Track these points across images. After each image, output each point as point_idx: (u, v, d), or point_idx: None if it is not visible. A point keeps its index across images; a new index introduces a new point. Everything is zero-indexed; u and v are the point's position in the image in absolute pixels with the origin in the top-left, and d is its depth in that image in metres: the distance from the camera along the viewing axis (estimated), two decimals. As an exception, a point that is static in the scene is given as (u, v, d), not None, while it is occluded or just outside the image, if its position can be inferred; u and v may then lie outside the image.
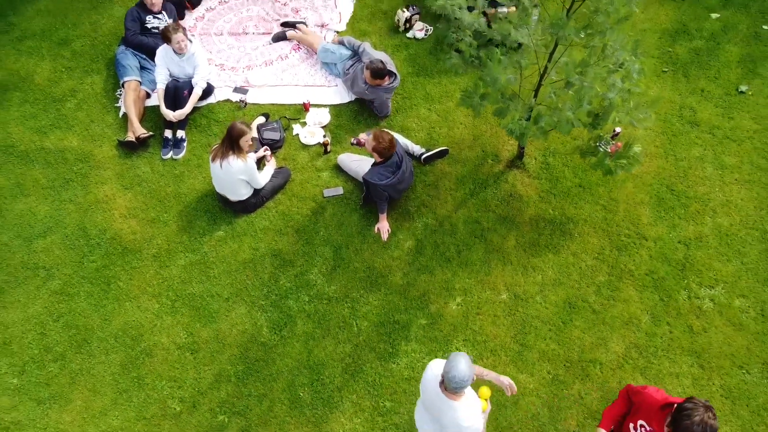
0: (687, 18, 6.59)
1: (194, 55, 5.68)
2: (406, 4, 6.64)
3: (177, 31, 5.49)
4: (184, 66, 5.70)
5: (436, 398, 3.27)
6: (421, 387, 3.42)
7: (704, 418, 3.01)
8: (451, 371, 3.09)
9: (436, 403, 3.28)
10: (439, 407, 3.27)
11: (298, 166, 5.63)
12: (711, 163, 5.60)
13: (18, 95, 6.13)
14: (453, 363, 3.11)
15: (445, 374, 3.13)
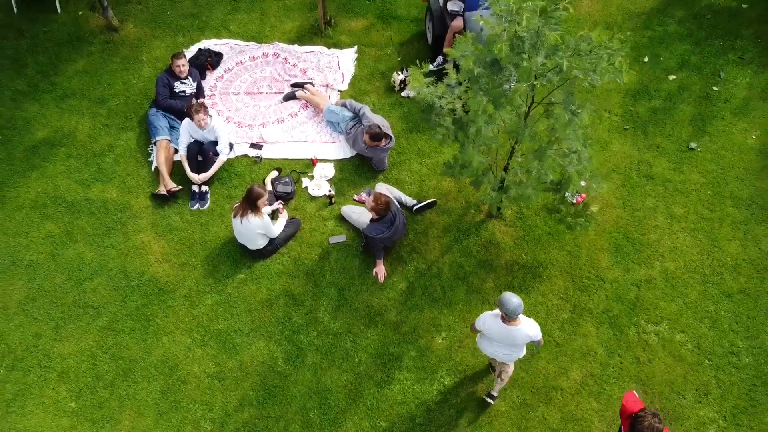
0: (647, 79, 7.49)
1: (214, 128, 6.58)
2: (401, 67, 7.55)
3: (198, 111, 6.38)
4: (206, 135, 6.60)
5: (504, 330, 4.66)
6: (487, 332, 4.78)
7: (651, 422, 4.01)
8: (509, 305, 4.47)
9: (505, 333, 4.67)
10: (510, 335, 4.67)
11: (306, 215, 6.54)
12: (662, 213, 6.51)
13: (63, 150, 7.04)
14: (506, 300, 4.50)
15: (505, 310, 4.51)
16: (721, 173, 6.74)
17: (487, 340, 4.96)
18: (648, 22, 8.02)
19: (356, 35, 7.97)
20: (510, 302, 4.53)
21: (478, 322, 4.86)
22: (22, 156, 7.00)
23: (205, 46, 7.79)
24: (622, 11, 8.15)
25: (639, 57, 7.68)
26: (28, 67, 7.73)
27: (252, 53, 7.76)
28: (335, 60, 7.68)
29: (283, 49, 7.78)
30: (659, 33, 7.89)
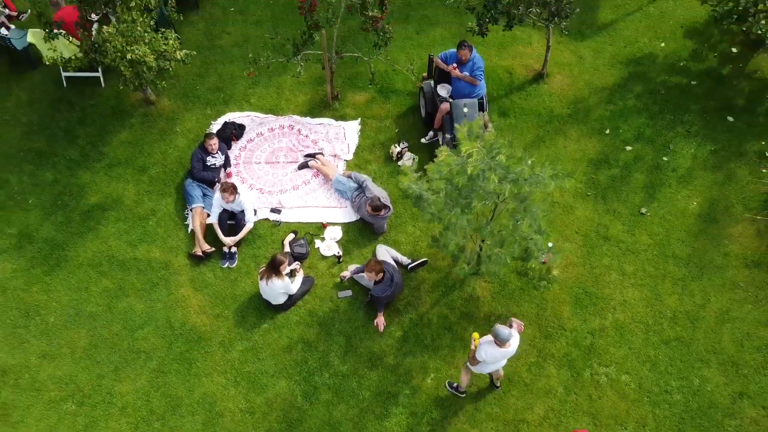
0: (608, 150, 8.78)
1: (241, 201, 7.87)
2: (398, 139, 8.84)
3: (225, 191, 7.67)
4: (234, 207, 7.89)
5: (499, 353, 6.05)
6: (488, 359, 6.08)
7: None
8: (503, 334, 5.87)
9: (500, 354, 6.09)
10: (505, 354, 6.14)
11: (318, 273, 7.83)
12: (615, 271, 7.80)
13: (113, 214, 8.34)
14: (500, 331, 5.88)
15: (501, 339, 5.89)
16: (666, 235, 8.03)
17: (485, 365, 6.26)
18: (611, 96, 9.30)
19: (359, 108, 9.26)
20: (503, 332, 5.91)
21: (480, 355, 6.11)
22: (79, 219, 8.30)
23: (230, 119, 9.09)
24: (589, 86, 9.43)
25: (602, 129, 8.96)
26: (79, 138, 9.02)
27: (270, 125, 9.05)
28: (342, 131, 8.97)
29: (297, 121, 9.07)
30: (620, 107, 9.17)
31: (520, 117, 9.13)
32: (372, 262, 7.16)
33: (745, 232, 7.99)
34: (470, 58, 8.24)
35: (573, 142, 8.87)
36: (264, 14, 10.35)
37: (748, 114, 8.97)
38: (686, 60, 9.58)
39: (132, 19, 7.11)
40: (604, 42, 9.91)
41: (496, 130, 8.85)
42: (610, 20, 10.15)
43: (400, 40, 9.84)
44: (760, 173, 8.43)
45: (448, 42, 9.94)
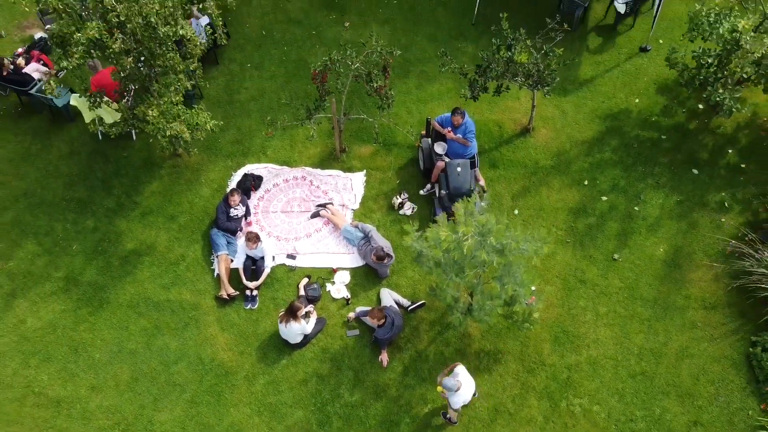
0: (586, 199, 9.87)
1: (262, 248, 8.98)
2: (399, 191, 9.92)
3: (249, 241, 8.79)
4: (256, 253, 9.00)
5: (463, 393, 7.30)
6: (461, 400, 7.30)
7: None
8: (448, 386, 7.14)
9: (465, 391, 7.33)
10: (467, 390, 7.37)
11: (329, 314, 8.93)
12: (590, 311, 8.89)
13: (148, 259, 9.43)
14: (446, 385, 7.11)
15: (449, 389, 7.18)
16: (635, 279, 9.13)
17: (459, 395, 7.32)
18: (590, 149, 10.38)
19: (365, 160, 10.34)
20: (450, 383, 7.19)
21: (454, 404, 7.34)
22: (118, 264, 9.40)
23: (249, 170, 10.17)
24: (570, 139, 10.51)
25: (581, 180, 10.05)
26: (115, 188, 10.11)
27: (285, 176, 10.14)
28: (349, 182, 10.06)
29: (309, 172, 10.16)
30: (597, 159, 10.26)
31: (508, 168, 10.21)
32: (375, 310, 8.25)
33: (704, 277, 9.08)
34: (463, 123, 9.33)
35: (555, 192, 9.96)
36: (278, 70, 11.42)
37: (711, 167, 10.06)
38: (657, 115, 10.66)
39: (172, 102, 8.19)
40: (584, 97, 10.99)
41: (487, 181, 9.94)
42: (591, 76, 11.23)
43: (400, 94, 10.91)
44: (719, 222, 9.52)
45: (445, 96, 11.03)
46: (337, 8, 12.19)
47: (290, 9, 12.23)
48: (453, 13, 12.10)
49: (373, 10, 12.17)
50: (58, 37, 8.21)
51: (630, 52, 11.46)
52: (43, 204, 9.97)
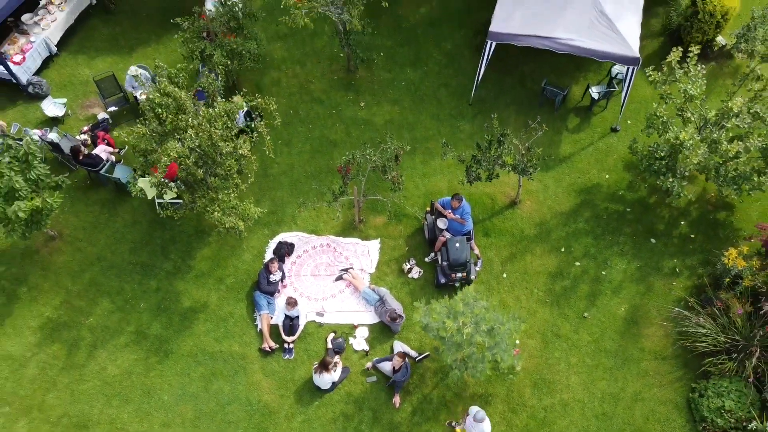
0: (563, 265, 11.92)
1: (298, 309, 11.06)
2: (408, 258, 11.98)
3: (290, 304, 10.85)
4: (293, 313, 11.08)
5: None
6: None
7: None
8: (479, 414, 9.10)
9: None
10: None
11: (352, 363, 11.00)
12: (564, 362, 10.96)
13: (202, 316, 11.51)
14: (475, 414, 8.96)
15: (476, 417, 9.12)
16: (600, 334, 11.19)
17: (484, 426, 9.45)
18: (567, 220, 12.44)
19: (379, 229, 12.40)
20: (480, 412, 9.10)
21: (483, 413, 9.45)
22: (178, 320, 11.47)
23: (283, 238, 12.23)
24: (551, 211, 12.56)
25: (559, 248, 12.11)
26: (171, 253, 12.18)
27: (313, 243, 12.20)
28: (366, 249, 12.12)
29: (333, 240, 12.22)
30: (573, 229, 12.32)
31: (498, 237, 12.27)
32: (399, 354, 10.33)
33: (657, 333, 11.16)
34: (460, 206, 11.40)
35: (537, 258, 12.02)
36: (304, 146, 13.47)
37: (666, 237, 12.12)
38: (624, 190, 12.71)
39: (232, 205, 10.26)
40: (563, 173, 13.04)
41: (481, 249, 11.99)
42: (569, 153, 13.28)
43: (408, 170, 12.97)
44: (671, 286, 11.59)
45: (446, 171, 13.06)
46: (353, 89, 14.24)
47: (313, 90, 14.27)
48: (453, 94, 14.14)
49: (384, 91, 14.22)
50: (141, 151, 10.25)
51: (603, 131, 13.51)
52: (113, 267, 12.03)
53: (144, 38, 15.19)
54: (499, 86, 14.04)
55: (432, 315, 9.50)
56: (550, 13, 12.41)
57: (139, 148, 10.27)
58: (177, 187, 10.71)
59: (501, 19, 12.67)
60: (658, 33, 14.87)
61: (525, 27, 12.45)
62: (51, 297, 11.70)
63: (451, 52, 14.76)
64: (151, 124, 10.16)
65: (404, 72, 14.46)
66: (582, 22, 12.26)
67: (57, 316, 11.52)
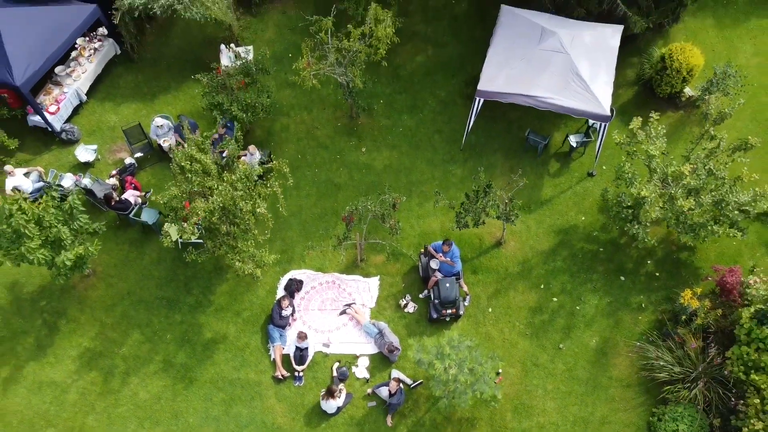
0: (542, 300, 13.39)
1: (308, 341, 12.55)
2: (404, 294, 13.46)
3: (301, 337, 12.34)
4: (302, 345, 12.56)
5: None
6: None
7: None
8: None
9: None
10: None
11: (354, 389, 12.49)
12: (541, 388, 12.45)
13: (222, 346, 13.00)
14: None
15: None
16: (574, 364, 12.68)
17: None
18: (546, 258, 13.91)
19: (378, 267, 13.88)
20: None
21: None
22: (201, 350, 12.97)
23: (293, 275, 13.71)
24: (532, 250, 14.03)
25: (539, 284, 13.58)
26: (194, 289, 13.67)
27: (320, 280, 13.69)
28: (367, 286, 13.60)
29: (338, 277, 13.70)
30: (552, 267, 13.79)
31: (485, 274, 13.74)
32: (395, 380, 11.81)
33: (623, 362, 12.64)
34: (450, 250, 12.88)
35: (519, 294, 13.50)
36: (311, 189, 14.95)
37: (634, 275, 13.59)
38: (598, 231, 14.18)
39: (250, 253, 11.74)
40: (544, 214, 14.51)
41: (469, 285, 13.46)
42: (550, 196, 14.74)
43: (404, 211, 14.43)
44: (637, 320, 13.07)
45: (439, 213, 14.51)
46: (355, 135, 15.72)
47: (319, 135, 15.75)
48: (446, 140, 15.60)
49: (384, 137, 15.69)
50: (171, 207, 11.73)
51: (580, 176, 14.98)
52: (142, 301, 13.53)
53: (164, 86, 16.66)
54: (488, 133, 15.50)
55: (423, 353, 10.99)
56: (531, 74, 13.87)
57: (170, 205, 11.73)
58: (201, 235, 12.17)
59: (488, 78, 14.13)
60: (632, 82, 16.32)
61: (509, 86, 13.91)
62: (88, 329, 13.21)
63: (445, 100, 16.22)
64: (181, 186, 11.62)
65: (402, 119, 15.94)
66: (560, 83, 13.72)
67: (93, 346, 13.03)
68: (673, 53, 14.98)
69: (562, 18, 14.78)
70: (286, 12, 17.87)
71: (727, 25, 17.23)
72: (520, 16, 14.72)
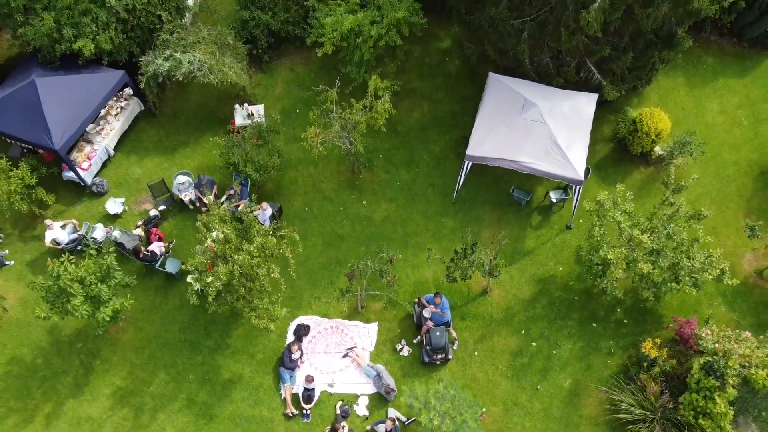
0: (522, 345, 15.07)
1: (314, 383, 14.24)
2: (399, 339, 15.14)
3: (308, 380, 14.03)
4: (310, 386, 14.25)
5: None
6: None
7: None
8: None
9: None
10: None
11: (355, 425, 14.17)
12: (520, 426, 14.12)
13: (238, 386, 14.70)
14: None
15: None
16: (549, 403, 14.35)
17: None
18: (527, 306, 15.58)
19: (377, 313, 15.56)
20: None
21: None
22: (220, 389, 14.67)
23: (301, 321, 15.40)
24: (515, 298, 15.70)
25: (520, 330, 15.24)
26: (213, 332, 15.37)
27: (324, 325, 15.38)
28: (367, 331, 15.29)
29: (340, 323, 15.39)
30: (532, 314, 15.46)
31: (472, 320, 15.42)
32: (391, 418, 13.50)
33: (593, 402, 14.32)
34: (441, 302, 14.56)
35: (503, 338, 15.17)
36: (317, 240, 16.62)
37: (605, 322, 15.25)
38: (573, 281, 15.84)
39: (264, 308, 13.45)
40: (526, 264, 16.17)
41: (458, 331, 15.13)
42: (532, 248, 16.40)
43: (400, 261, 16.08)
44: (606, 364, 14.74)
45: (432, 264, 16.16)
46: (357, 189, 17.38)
47: (324, 188, 17.43)
48: (439, 193, 17.26)
49: (383, 190, 17.36)
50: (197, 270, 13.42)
51: (560, 228, 16.64)
52: (167, 344, 15.24)
53: (183, 140, 18.35)
54: (477, 187, 17.16)
55: (414, 399, 12.69)
56: (514, 141, 15.53)
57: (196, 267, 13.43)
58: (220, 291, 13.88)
59: (475, 144, 15.79)
60: (608, 138, 17.97)
61: (495, 152, 15.58)
62: (119, 369, 14.93)
63: (439, 155, 17.88)
64: (207, 253, 13.31)
65: (399, 173, 17.61)
66: (540, 150, 15.37)
67: (125, 384, 14.74)
68: (644, 118, 16.62)
69: (543, 87, 16.41)
70: (293, 69, 19.54)
71: (697, 84, 18.86)
72: (505, 85, 16.37)
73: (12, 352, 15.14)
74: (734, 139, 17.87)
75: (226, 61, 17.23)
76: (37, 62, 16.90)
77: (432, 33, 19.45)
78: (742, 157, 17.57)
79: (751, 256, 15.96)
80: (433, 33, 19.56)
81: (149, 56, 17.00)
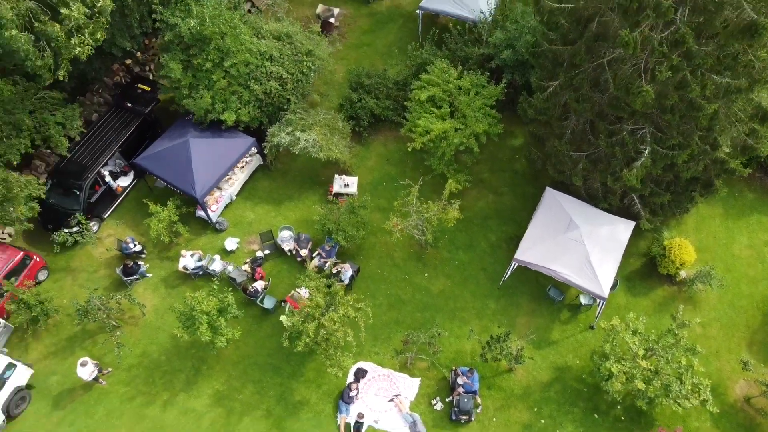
0: (532, 420, 18.58)
1: (365, 419, 18.35)
2: (435, 396, 18.97)
3: (359, 416, 18.13)
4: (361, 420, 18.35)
5: None
6: None
7: None
8: None
9: None
10: None
11: (390, 458, 18.21)
12: (518, 485, 17.76)
13: (306, 408, 18.96)
14: None
15: None
16: (545, 472, 17.88)
17: None
18: (543, 388, 19.00)
19: (421, 371, 19.38)
20: None
21: None
22: (291, 408, 18.99)
23: (360, 366, 19.46)
24: (534, 379, 19.12)
25: (532, 407, 18.73)
26: (292, 361, 19.67)
27: (378, 372, 19.39)
28: (411, 384, 19.20)
29: (391, 373, 19.36)
30: (545, 395, 18.87)
31: (496, 391, 19.02)
32: None
33: (581, 479, 17.74)
34: (473, 376, 18.28)
35: (518, 411, 18.72)
36: (383, 301, 20.60)
37: (606, 414, 18.49)
38: (586, 374, 19.13)
39: (337, 360, 17.58)
40: (549, 352, 19.57)
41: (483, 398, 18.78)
42: (556, 339, 19.77)
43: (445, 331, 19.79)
44: (598, 450, 18.08)
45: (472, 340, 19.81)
46: (422, 262, 21.22)
47: (395, 256, 21.37)
48: (488, 278, 20.86)
49: (444, 266, 21.11)
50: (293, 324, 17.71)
51: (583, 327, 19.91)
52: (257, 364, 19.69)
53: (289, 194, 22.72)
54: (520, 279, 20.62)
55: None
56: (555, 254, 18.90)
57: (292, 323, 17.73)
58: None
59: (524, 250, 19.27)
60: (642, 253, 20.96)
61: (538, 260, 19.01)
62: (219, 375, 19.51)
63: (494, 244, 21.43)
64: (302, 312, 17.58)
65: (458, 254, 21.30)
66: (575, 266, 18.69)
67: (222, 389, 19.32)
68: (672, 247, 19.57)
69: (589, 207, 19.61)
70: (386, 146, 23.51)
71: (732, 215, 21.49)
72: (557, 202, 19.70)
73: (144, 348, 20.01)
74: (755, 273, 20.48)
75: (334, 140, 21.38)
76: (191, 123, 21.59)
77: (508, 131, 22.86)
78: (757, 291, 20.19)
79: (743, 384, 18.74)
80: (509, 131, 22.98)
81: (275, 128, 21.38)
